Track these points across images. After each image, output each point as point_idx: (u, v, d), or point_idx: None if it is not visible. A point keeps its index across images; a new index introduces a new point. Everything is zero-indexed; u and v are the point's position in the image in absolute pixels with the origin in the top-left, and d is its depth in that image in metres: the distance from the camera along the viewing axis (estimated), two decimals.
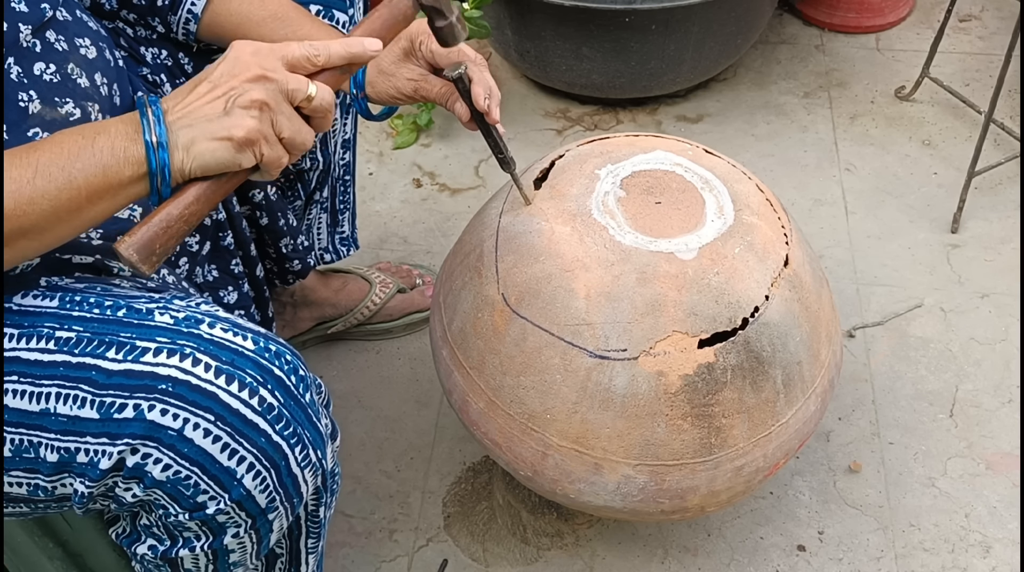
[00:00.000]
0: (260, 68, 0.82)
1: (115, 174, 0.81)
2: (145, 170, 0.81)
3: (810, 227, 1.84)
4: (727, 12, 1.90)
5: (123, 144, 0.81)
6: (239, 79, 0.82)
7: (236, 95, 0.81)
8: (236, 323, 0.91)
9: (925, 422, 1.55)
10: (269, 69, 0.82)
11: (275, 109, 0.82)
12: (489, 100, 1.04)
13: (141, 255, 0.82)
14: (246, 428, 0.87)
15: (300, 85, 0.83)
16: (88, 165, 0.81)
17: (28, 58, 0.92)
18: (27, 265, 0.95)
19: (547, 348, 1.07)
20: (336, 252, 1.56)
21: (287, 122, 0.83)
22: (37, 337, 0.90)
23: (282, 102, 0.83)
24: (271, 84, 0.82)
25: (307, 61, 0.85)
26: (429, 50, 1.06)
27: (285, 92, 0.83)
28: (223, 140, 0.81)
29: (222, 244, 1.24)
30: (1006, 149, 1.92)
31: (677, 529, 1.44)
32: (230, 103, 0.81)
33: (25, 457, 0.89)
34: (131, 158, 0.81)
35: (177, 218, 0.83)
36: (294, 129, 0.84)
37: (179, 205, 0.83)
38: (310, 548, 1.07)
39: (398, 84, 1.09)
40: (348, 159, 1.48)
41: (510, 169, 1.11)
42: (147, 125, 0.81)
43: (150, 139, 0.81)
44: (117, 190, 0.82)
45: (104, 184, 0.81)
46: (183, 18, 1.13)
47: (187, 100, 0.83)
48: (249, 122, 0.81)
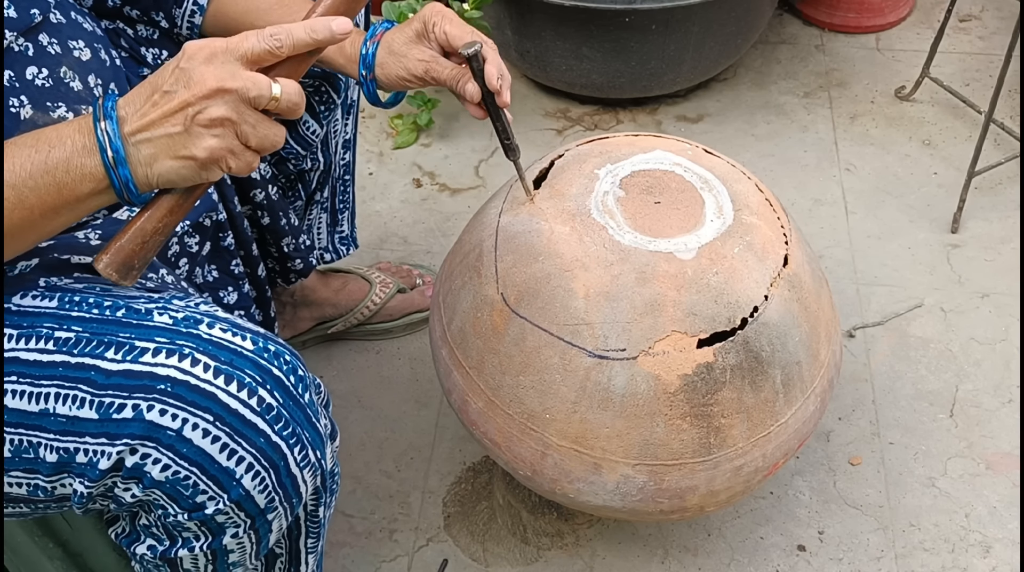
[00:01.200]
0: (216, 79, 0.77)
1: (71, 191, 0.79)
2: (107, 184, 0.79)
3: (810, 227, 1.84)
4: (727, 12, 1.90)
5: (79, 160, 0.78)
6: (195, 93, 0.77)
7: (195, 112, 0.77)
8: (235, 323, 0.91)
9: (925, 422, 1.55)
10: (227, 78, 0.77)
11: (238, 121, 0.78)
12: (501, 81, 1.03)
13: (120, 272, 0.81)
14: (245, 428, 0.87)
15: (262, 90, 0.79)
16: (40, 184, 0.78)
17: (20, 62, 0.92)
18: (26, 265, 0.95)
19: (546, 348, 1.07)
20: (336, 251, 1.56)
21: (252, 130, 0.80)
22: (36, 337, 0.90)
23: (246, 112, 0.79)
24: (230, 96, 0.77)
25: (269, 55, 0.80)
26: (443, 31, 1.05)
27: (247, 100, 0.78)
28: (185, 159, 0.78)
29: (222, 244, 1.24)
30: (1006, 149, 1.92)
31: (677, 529, 1.44)
32: (188, 120, 0.77)
33: (24, 457, 0.89)
34: (88, 174, 0.78)
35: (152, 232, 0.81)
36: (261, 135, 0.80)
37: (152, 219, 0.81)
38: (310, 548, 1.06)
39: (409, 65, 1.08)
40: (348, 159, 1.48)
41: (514, 156, 1.10)
42: (101, 135, 0.78)
43: (107, 156, 0.78)
44: (75, 204, 0.80)
45: (59, 201, 0.79)
46: (188, 11, 1.13)
47: (144, 109, 0.79)
48: (211, 142, 0.78)
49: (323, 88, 1.31)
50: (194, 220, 1.15)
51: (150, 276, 1.06)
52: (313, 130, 1.34)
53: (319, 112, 1.33)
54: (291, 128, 1.33)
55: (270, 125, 0.81)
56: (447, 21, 1.04)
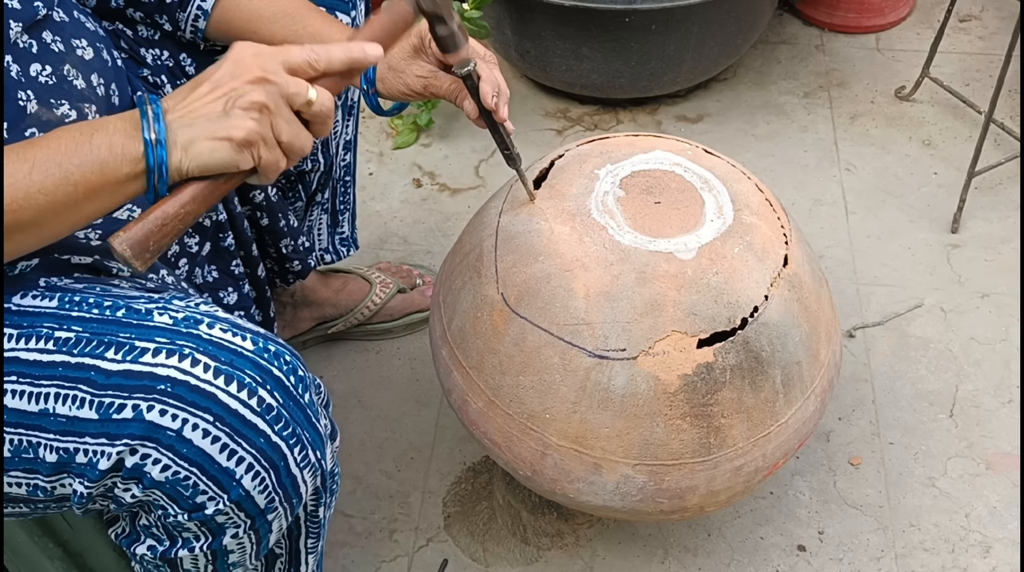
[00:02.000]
0: (261, 70, 0.82)
1: (112, 171, 0.81)
2: (143, 168, 0.81)
3: (810, 227, 1.84)
4: (727, 12, 1.90)
5: (121, 141, 0.81)
6: (240, 80, 0.82)
7: (236, 96, 0.81)
8: (235, 323, 0.91)
9: (925, 422, 1.55)
10: (270, 72, 0.82)
11: (275, 112, 0.82)
12: (497, 98, 1.04)
13: (135, 251, 0.81)
14: (245, 428, 0.87)
15: (300, 89, 0.83)
16: (85, 161, 0.80)
17: (25, 58, 0.92)
18: (26, 265, 0.95)
19: (546, 348, 1.07)
20: (336, 253, 1.56)
21: (286, 126, 0.83)
22: (36, 337, 0.90)
23: (282, 105, 0.83)
24: (272, 87, 0.82)
25: (308, 66, 0.85)
26: (438, 48, 1.05)
27: (285, 95, 0.83)
28: (222, 140, 0.81)
29: (222, 245, 1.24)
30: (1006, 149, 1.92)
31: (677, 529, 1.44)
32: (230, 104, 0.81)
33: (24, 457, 0.89)
34: (129, 155, 0.81)
35: (173, 217, 0.82)
36: (293, 133, 0.84)
37: (175, 204, 0.83)
38: (310, 548, 1.07)
39: (408, 80, 1.09)
40: (349, 160, 1.48)
41: (516, 165, 1.11)
42: (146, 122, 0.81)
43: (148, 136, 0.81)
44: (114, 187, 0.82)
45: (101, 181, 0.81)
46: (192, 15, 1.13)
47: (188, 100, 0.83)
48: (249, 123, 0.81)
49: None
50: None
51: (150, 276, 1.06)
52: None
53: None
54: None
55: (301, 128, 0.84)
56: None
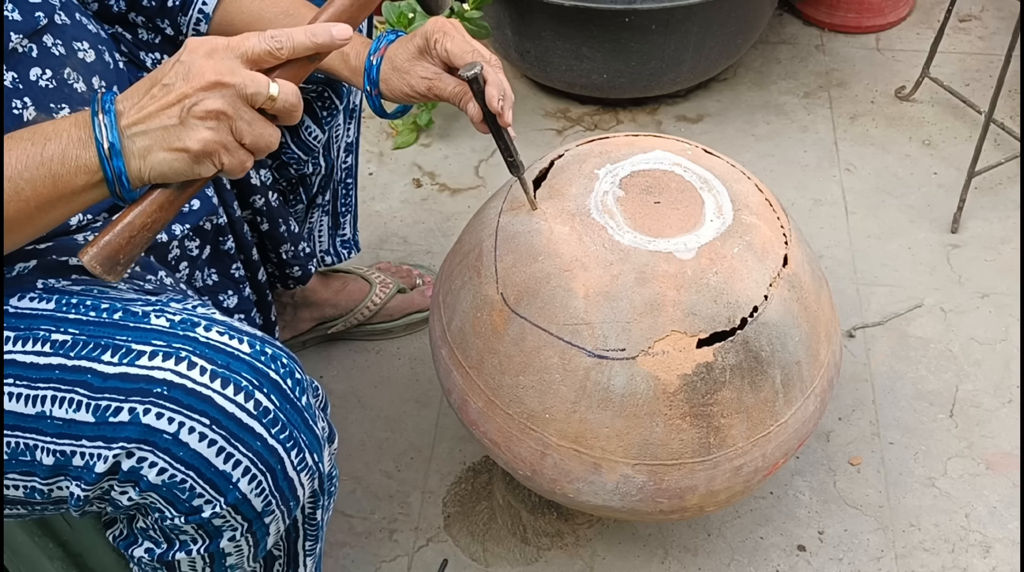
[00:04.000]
0: (215, 73, 0.77)
1: (66, 184, 0.79)
2: (100, 177, 0.79)
3: (810, 227, 1.84)
4: (727, 12, 1.90)
5: (75, 152, 0.78)
6: (193, 86, 0.77)
7: (191, 103, 0.77)
8: (232, 326, 0.91)
9: (925, 422, 1.55)
10: (225, 73, 0.78)
11: (234, 116, 0.78)
12: (503, 102, 1.02)
13: (105, 267, 0.80)
14: (242, 432, 0.86)
15: (260, 88, 0.79)
16: (36, 175, 0.78)
17: (24, 63, 0.92)
18: (24, 267, 0.95)
19: (546, 347, 1.07)
20: (337, 254, 1.55)
21: (248, 127, 0.79)
22: (33, 340, 0.90)
23: (242, 108, 0.79)
24: (227, 90, 0.78)
25: (269, 55, 0.80)
26: (444, 49, 1.03)
27: (244, 97, 0.78)
28: (179, 151, 0.78)
29: (222, 248, 1.24)
30: (1006, 149, 1.92)
31: (677, 529, 1.43)
32: (185, 112, 0.77)
33: (21, 460, 0.89)
34: (83, 166, 0.78)
35: (140, 227, 0.81)
36: (256, 133, 0.80)
37: (141, 214, 0.81)
38: (308, 551, 1.06)
39: (412, 82, 1.07)
40: (351, 162, 1.47)
41: (519, 173, 1.10)
42: (99, 128, 0.78)
43: (103, 147, 0.78)
44: (71, 198, 0.80)
45: (54, 193, 0.79)
46: (194, 18, 1.13)
47: (142, 103, 0.79)
48: (204, 134, 0.77)
49: (326, 94, 1.30)
50: (194, 223, 1.14)
51: (148, 278, 1.06)
52: (315, 135, 1.33)
53: (321, 117, 1.33)
54: (293, 133, 1.32)
55: (265, 125, 0.81)
56: (448, 38, 1.03)
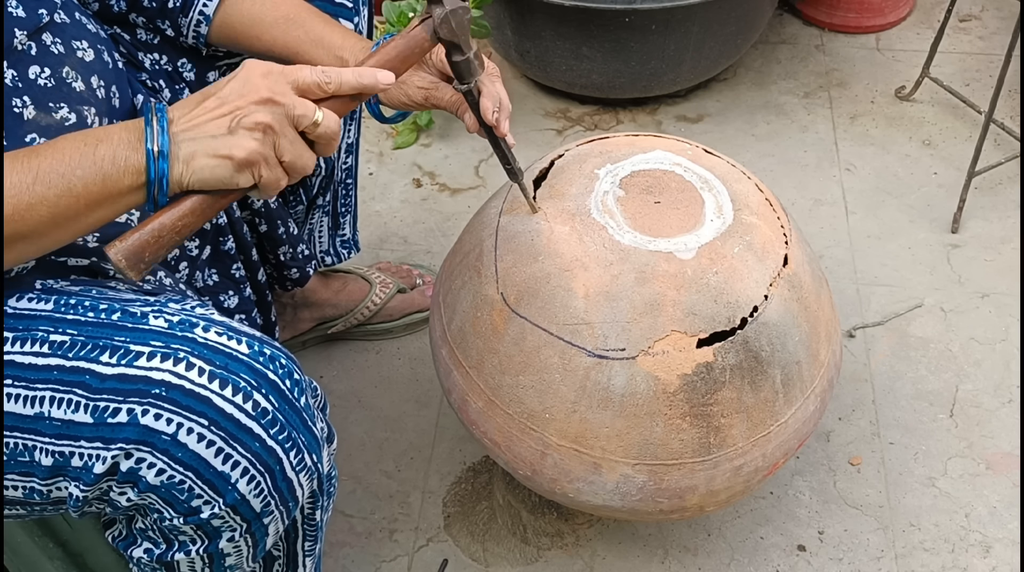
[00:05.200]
0: (269, 91, 0.83)
1: (114, 183, 0.82)
2: (144, 180, 0.82)
3: (810, 227, 1.84)
4: (727, 12, 1.90)
5: (124, 153, 0.81)
6: (247, 100, 0.82)
7: (242, 115, 0.82)
8: (231, 327, 0.91)
9: (925, 422, 1.55)
10: (278, 93, 0.83)
11: (279, 132, 0.83)
12: (498, 113, 1.03)
13: (130, 261, 0.82)
14: (240, 433, 0.87)
15: (307, 111, 0.84)
16: (88, 173, 0.81)
17: (23, 62, 0.92)
18: (22, 268, 0.95)
19: (546, 347, 1.07)
20: (337, 255, 1.55)
21: (289, 146, 0.84)
22: (31, 341, 0.90)
23: (287, 126, 0.84)
24: (278, 108, 0.83)
25: (317, 87, 0.86)
26: (440, 59, 1.05)
27: (291, 117, 0.83)
28: (223, 158, 0.82)
29: (223, 248, 1.24)
30: (1006, 149, 1.92)
31: (677, 529, 1.43)
32: (235, 122, 0.82)
33: (20, 461, 0.89)
34: (131, 167, 0.82)
35: (170, 229, 0.83)
36: (296, 153, 0.85)
37: (173, 216, 0.83)
38: (307, 551, 1.06)
39: (409, 91, 1.09)
40: (351, 163, 1.47)
41: (518, 180, 1.11)
42: (151, 133, 0.82)
43: (151, 148, 0.81)
44: (116, 198, 0.83)
45: (103, 192, 0.82)
46: (194, 20, 1.13)
47: (194, 113, 0.84)
48: (251, 144, 0.82)
49: None
50: None
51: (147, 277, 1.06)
52: None
53: None
54: None
55: (305, 147, 0.85)
56: (444, 49, 1.03)
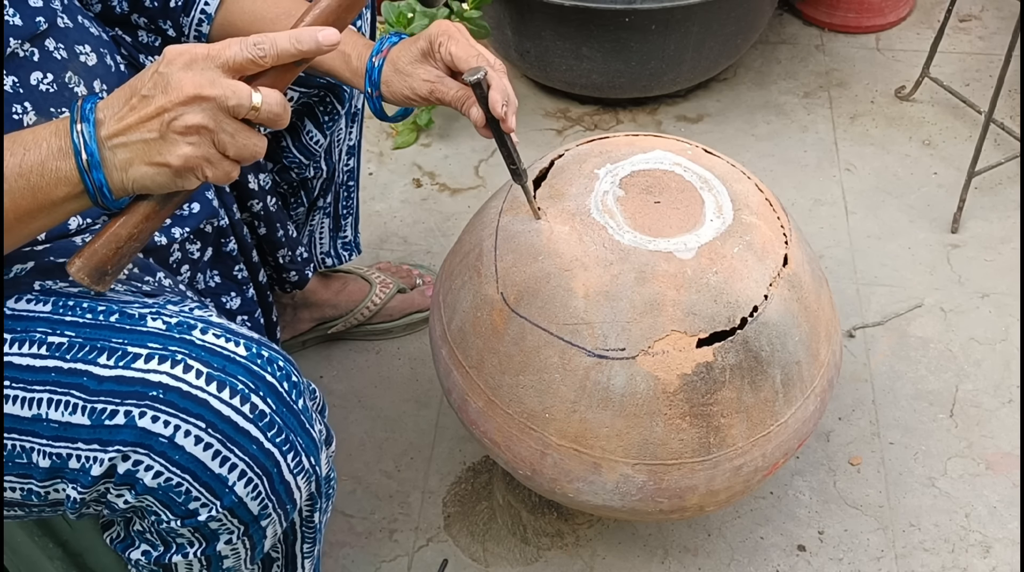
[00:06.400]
0: (194, 86, 0.75)
1: (46, 195, 0.78)
2: (82, 189, 0.78)
3: (810, 227, 1.84)
4: (727, 12, 1.90)
5: (54, 164, 0.77)
6: (172, 99, 0.75)
7: (171, 118, 0.76)
8: (229, 329, 0.91)
9: (925, 422, 1.55)
10: (205, 85, 0.76)
11: (215, 129, 0.77)
12: (507, 107, 1.00)
13: (92, 277, 0.80)
14: (237, 435, 0.86)
15: (242, 99, 0.77)
16: (14, 187, 0.77)
17: (24, 68, 0.92)
18: (21, 269, 0.95)
19: (546, 347, 1.07)
20: (338, 256, 1.55)
21: (231, 139, 0.78)
22: (29, 342, 0.90)
23: (224, 120, 0.77)
24: (208, 103, 0.76)
25: (251, 63, 0.78)
26: (448, 53, 1.02)
27: (225, 109, 0.76)
28: (160, 166, 0.77)
29: (224, 250, 1.23)
30: (1006, 149, 1.92)
31: (677, 529, 1.43)
32: (164, 126, 0.76)
33: (18, 462, 0.89)
34: (63, 177, 0.77)
35: (127, 238, 0.81)
36: (240, 145, 0.78)
37: (127, 225, 0.81)
38: (306, 553, 1.06)
39: (414, 85, 1.05)
40: (353, 165, 1.47)
41: (522, 181, 1.09)
42: (77, 138, 0.77)
43: (81, 160, 0.76)
44: (52, 208, 0.79)
45: (34, 204, 0.78)
46: (196, 19, 1.12)
47: (122, 113, 0.77)
48: (185, 150, 0.76)
49: (328, 98, 1.30)
50: (194, 226, 1.14)
51: (146, 279, 1.06)
52: (316, 140, 1.33)
53: (323, 122, 1.32)
54: (295, 138, 1.32)
55: (249, 135, 0.79)
56: (453, 42, 1.01)
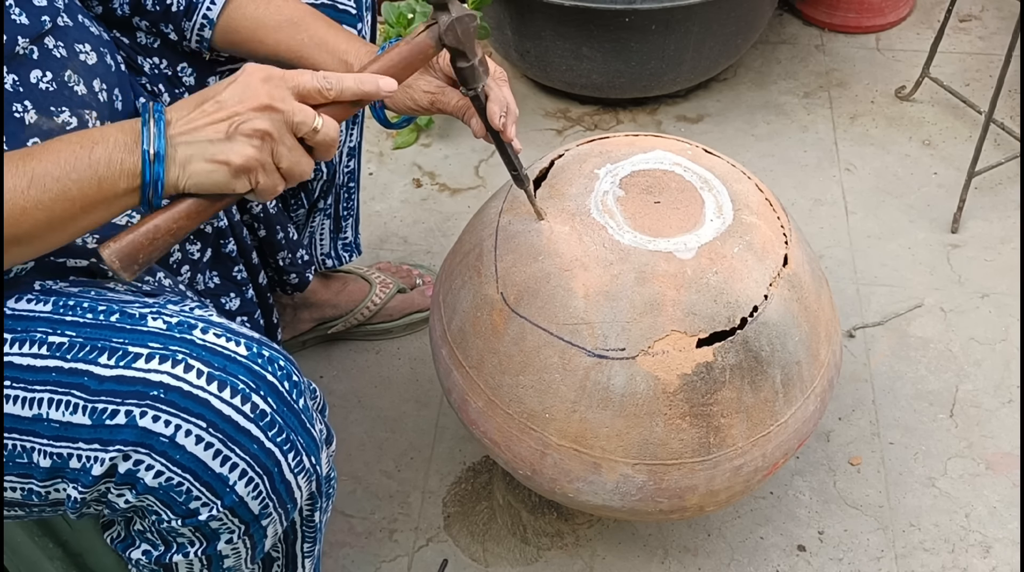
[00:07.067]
0: (268, 97, 0.82)
1: (110, 186, 0.81)
2: (139, 183, 0.82)
3: (810, 227, 1.84)
4: (727, 12, 1.90)
5: (120, 156, 0.81)
6: (246, 105, 0.82)
7: (240, 121, 0.82)
8: (229, 328, 0.91)
9: (925, 422, 1.55)
10: (278, 99, 0.82)
11: (277, 139, 0.83)
12: (505, 118, 1.02)
13: (124, 263, 0.82)
14: (238, 435, 0.87)
15: (306, 118, 0.84)
16: (84, 177, 0.80)
17: (25, 66, 0.92)
18: (21, 269, 0.95)
19: (546, 347, 1.07)
20: (338, 257, 1.55)
21: (287, 153, 0.84)
22: (30, 342, 0.90)
23: (285, 133, 0.83)
24: (277, 115, 0.82)
25: (318, 93, 0.85)
26: (447, 63, 1.03)
27: (290, 124, 0.83)
28: (220, 164, 0.81)
29: (224, 251, 1.23)
30: (1006, 149, 1.92)
31: (677, 529, 1.43)
32: (233, 128, 0.81)
33: (18, 462, 0.89)
34: (127, 170, 0.81)
35: (165, 231, 0.83)
36: (293, 160, 0.84)
37: (168, 218, 0.83)
38: (306, 552, 1.06)
39: (415, 95, 1.07)
40: (353, 166, 1.47)
41: (524, 186, 1.09)
42: (147, 135, 0.81)
43: (147, 150, 0.81)
44: (111, 201, 0.82)
45: (99, 195, 0.81)
46: (198, 24, 1.12)
47: (192, 115, 0.83)
48: (248, 150, 0.82)
49: None
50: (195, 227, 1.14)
51: (146, 279, 1.06)
52: None
53: None
54: None
55: (302, 154, 0.85)
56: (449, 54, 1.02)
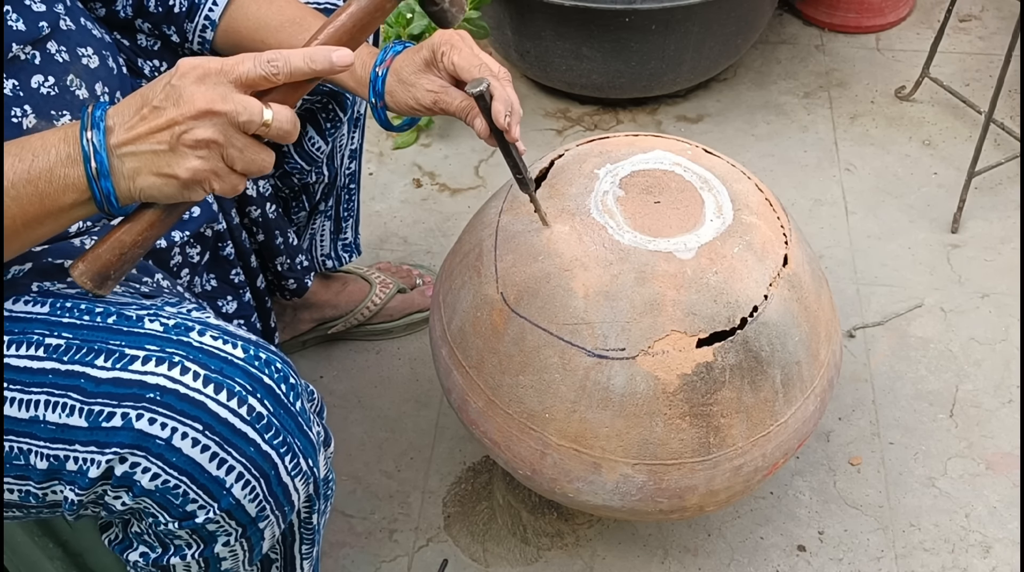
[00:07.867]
0: (206, 101, 0.76)
1: (53, 201, 0.78)
2: (89, 196, 0.78)
3: (810, 227, 1.84)
4: (727, 12, 1.90)
5: (62, 171, 0.77)
6: (184, 113, 0.76)
7: (181, 131, 0.76)
8: (226, 331, 0.91)
9: (925, 422, 1.55)
10: (217, 100, 0.76)
11: (225, 144, 0.77)
12: (510, 118, 0.99)
13: (95, 281, 0.81)
14: (235, 437, 0.86)
15: (252, 115, 0.77)
16: (22, 193, 0.77)
17: (26, 71, 0.92)
18: (19, 270, 0.95)
19: (546, 347, 1.07)
20: (338, 258, 1.55)
21: (239, 154, 0.78)
22: (27, 344, 0.89)
23: (233, 135, 0.77)
24: (219, 118, 0.76)
25: (264, 80, 0.79)
26: (451, 62, 1.01)
27: (236, 124, 0.77)
28: (168, 178, 0.77)
29: (222, 254, 1.23)
30: (1006, 149, 1.92)
31: (677, 529, 1.43)
32: (175, 139, 0.76)
33: (15, 464, 0.89)
34: (71, 184, 0.77)
35: (131, 244, 0.81)
36: (248, 159, 0.79)
37: (131, 232, 0.81)
38: (304, 554, 1.06)
39: (417, 95, 1.04)
40: (354, 168, 1.46)
41: (528, 190, 1.08)
42: (87, 149, 0.77)
43: (90, 168, 0.77)
44: (59, 215, 0.79)
45: (42, 211, 0.78)
46: (200, 25, 1.12)
47: (132, 122, 0.77)
48: (194, 163, 0.77)
49: (330, 106, 1.29)
50: (194, 230, 1.14)
51: (144, 280, 1.05)
52: (319, 146, 1.32)
53: (325, 129, 1.31)
54: (296, 144, 1.31)
55: (258, 150, 0.79)
56: (455, 51, 1.01)
